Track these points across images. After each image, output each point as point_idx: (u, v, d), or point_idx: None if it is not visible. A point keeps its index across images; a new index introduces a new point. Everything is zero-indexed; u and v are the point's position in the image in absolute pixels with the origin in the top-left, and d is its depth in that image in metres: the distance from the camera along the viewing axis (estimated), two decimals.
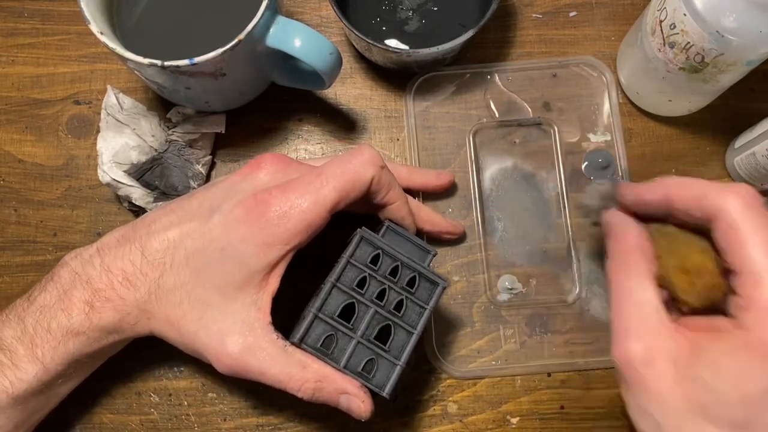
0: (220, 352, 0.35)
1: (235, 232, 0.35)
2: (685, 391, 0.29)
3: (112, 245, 0.38)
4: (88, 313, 0.36)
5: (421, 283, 0.37)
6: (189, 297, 0.36)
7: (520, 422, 0.43)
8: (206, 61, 0.38)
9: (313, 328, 0.35)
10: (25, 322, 0.36)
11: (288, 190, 0.36)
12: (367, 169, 0.37)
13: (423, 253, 0.39)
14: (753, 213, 0.30)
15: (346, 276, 0.36)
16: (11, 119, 0.49)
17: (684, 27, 0.38)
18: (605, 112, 0.48)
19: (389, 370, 0.36)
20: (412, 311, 0.37)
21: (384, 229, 0.39)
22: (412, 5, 0.48)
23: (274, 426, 0.44)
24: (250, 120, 0.49)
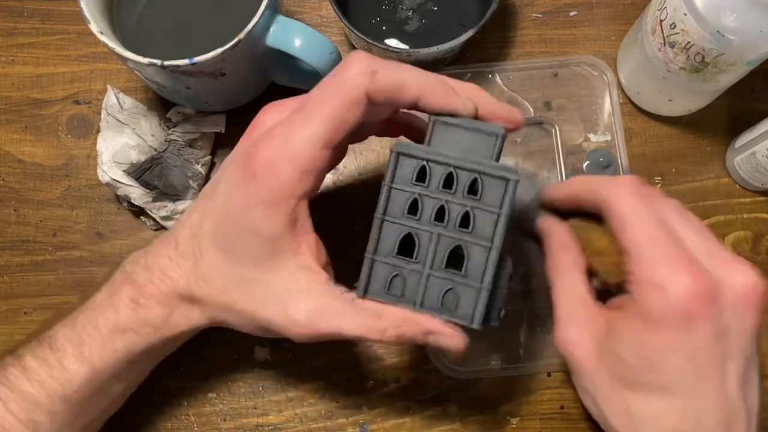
0: (288, 324, 0.33)
1: (236, 199, 0.33)
2: (606, 365, 0.33)
3: (156, 243, 0.37)
4: (134, 309, 0.35)
5: (485, 184, 0.31)
6: (230, 280, 0.34)
7: (519, 422, 0.43)
8: (206, 60, 0.38)
9: (374, 274, 0.32)
10: (75, 321, 0.36)
11: (271, 137, 0.32)
12: (354, 85, 0.31)
13: (488, 140, 0.31)
14: (634, 199, 0.33)
15: (393, 205, 0.31)
16: (11, 119, 0.49)
17: (684, 27, 0.38)
18: (606, 111, 0.48)
19: (474, 297, 0.31)
20: (484, 222, 0.31)
21: (431, 127, 0.32)
22: (412, 5, 0.48)
23: (274, 426, 0.44)
24: (250, 120, 0.48)
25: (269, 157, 0.32)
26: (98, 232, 0.47)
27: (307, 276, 0.33)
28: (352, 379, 0.44)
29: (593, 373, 0.34)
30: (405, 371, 0.44)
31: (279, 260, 0.33)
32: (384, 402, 0.44)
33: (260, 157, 0.32)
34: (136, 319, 0.35)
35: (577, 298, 0.35)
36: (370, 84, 0.31)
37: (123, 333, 0.35)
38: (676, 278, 0.30)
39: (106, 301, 0.36)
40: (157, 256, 0.36)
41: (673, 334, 0.31)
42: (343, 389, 0.44)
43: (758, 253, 0.46)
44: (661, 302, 0.31)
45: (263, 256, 0.33)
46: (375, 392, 0.44)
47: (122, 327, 0.35)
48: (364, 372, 0.44)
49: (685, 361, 0.31)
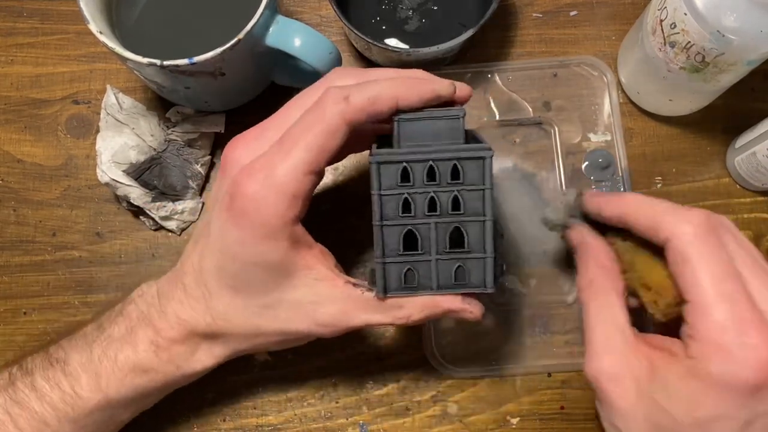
0: (318, 329, 0.35)
1: (231, 238, 0.34)
2: (645, 410, 0.31)
3: (165, 286, 0.37)
4: (156, 351, 0.36)
5: (465, 167, 0.33)
6: (249, 310, 0.35)
7: (520, 422, 0.43)
8: (206, 60, 0.38)
9: (388, 275, 0.34)
10: (92, 349, 0.36)
11: (254, 170, 0.33)
12: (331, 114, 0.32)
13: (451, 124, 0.33)
14: (703, 242, 0.30)
15: (386, 210, 0.33)
16: (10, 119, 0.49)
17: (685, 26, 0.38)
18: (606, 111, 0.48)
19: (481, 266, 0.34)
20: (472, 200, 0.33)
21: (396, 127, 0.34)
22: (412, 4, 0.48)
23: (274, 426, 0.44)
24: (249, 120, 0.48)
25: (256, 191, 0.32)
26: (98, 232, 0.47)
27: (326, 285, 0.34)
28: (352, 379, 0.44)
29: (629, 415, 0.31)
30: (405, 371, 0.44)
31: (293, 279, 0.34)
32: (384, 402, 0.44)
33: (246, 193, 0.32)
34: (158, 360, 0.36)
35: (616, 328, 0.32)
36: (346, 110, 0.32)
37: (144, 372, 0.36)
38: (745, 344, 0.28)
39: (125, 338, 0.36)
40: (169, 300, 0.36)
41: (734, 402, 0.29)
42: (343, 389, 0.44)
43: None
44: (727, 368, 0.28)
45: (276, 281, 0.34)
46: (375, 392, 0.44)
47: (143, 367, 0.36)
48: (364, 372, 0.44)
49: (739, 429, 0.29)
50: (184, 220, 0.47)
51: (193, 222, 0.47)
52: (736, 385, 0.28)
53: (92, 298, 0.46)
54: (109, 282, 0.46)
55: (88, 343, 0.36)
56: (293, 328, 0.35)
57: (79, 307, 0.46)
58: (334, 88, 0.33)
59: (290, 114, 0.35)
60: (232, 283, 0.35)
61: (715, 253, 0.30)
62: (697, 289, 0.29)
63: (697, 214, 0.31)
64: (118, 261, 0.47)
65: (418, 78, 0.34)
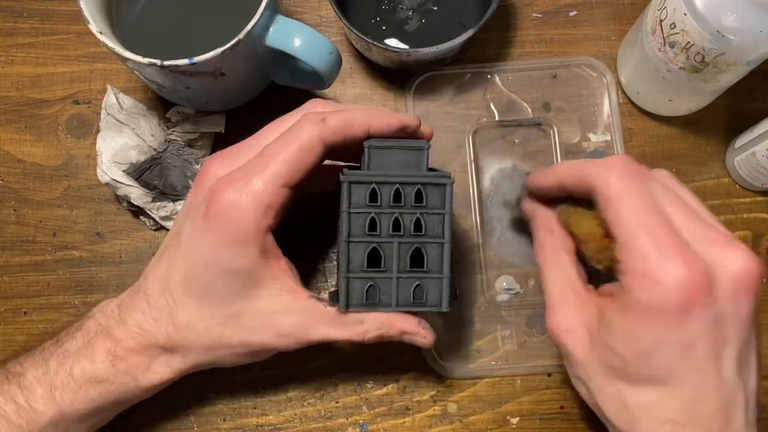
0: (279, 340, 0.36)
1: (204, 246, 0.35)
2: (598, 355, 0.33)
3: (126, 298, 0.38)
4: (113, 361, 0.36)
5: (428, 192, 0.36)
6: (213, 320, 0.36)
7: (520, 422, 0.43)
8: (206, 60, 0.38)
9: (351, 289, 0.36)
10: (48, 363, 0.36)
11: (232, 179, 0.34)
12: (308, 133, 0.34)
13: (417, 153, 0.36)
14: (624, 182, 0.32)
15: (354, 227, 0.35)
16: (10, 119, 0.49)
17: (684, 26, 0.38)
18: (605, 112, 0.48)
19: (438, 287, 0.36)
20: (433, 224, 0.36)
21: (367, 153, 0.36)
22: (412, 5, 0.48)
23: (274, 426, 0.44)
24: (249, 120, 0.48)
25: (232, 198, 0.34)
26: (98, 232, 0.47)
27: (289, 297, 0.36)
28: (352, 379, 0.44)
29: (586, 363, 0.33)
30: (405, 371, 0.44)
31: (259, 288, 0.35)
32: (384, 402, 0.44)
33: (223, 200, 0.34)
34: (114, 370, 0.36)
35: (567, 283, 0.35)
36: (323, 129, 0.35)
37: (99, 383, 0.36)
38: (667, 268, 0.29)
39: (81, 351, 0.36)
40: (131, 311, 0.37)
41: (667, 326, 0.30)
42: (343, 389, 0.44)
43: (758, 253, 0.46)
44: (653, 293, 0.30)
45: (244, 289, 0.35)
46: (375, 392, 0.44)
47: (99, 378, 0.36)
48: (364, 372, 0.44)
49: (680, 353, 0.30)
50: None
51: None
52: (664, 308, 0.30)
53: (92, 298, 0.46)
54: (109, 282, 0.46)
55: (44, 358, 0.37)
56: (256, 339, 0.36)
57: (79, 307, 0.46)
58: (311, 113, 0.36)
59: (268, 136, 0.36)
60: (199, 292, 0.35)
61: (635, 190, 0.31)
62: (621, 225, 0.31)
63: (615, 159, 0.33)
64: (119, 261, 0.47)
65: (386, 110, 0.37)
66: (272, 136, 0.36)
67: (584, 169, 0.34)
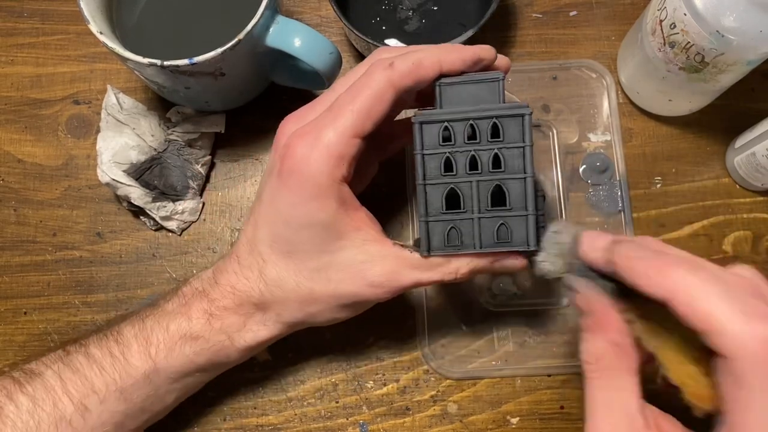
0: (371, 290, 0.35)
1: (282, 203, 0.34)
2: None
3: (219, 262, 0.38)
4: (209, 319, 0.36)
5: (504, 125, 0.33)
6: (301, 274, 0.35)
7: (520, 422, 0.43)
8: (206, 60, 0.38)
9: (431, 234, 0.34)
10: (144, 321, 0.37)
11: (303, 133, 0.34)
12: (377, 79, 0.33)
13: (491, 86, 0.34)
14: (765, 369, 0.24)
15: (428, 169, 0.34)
16: (11, 119, 0.49)
17: (684, 27, 0.38)
18: (605, 113, 0.48)
19: (523, 224, 0.34)
20: (513, 158, 0.33)
21: (438, 91, 0.34)
22: (412, 5, 0.48)
23: (274, 426, 0.44)
24: (249, 120, 0.49)
25: (304, 152, 0.33)
26: (98, 232, 0.47)
27: (374, 246, 0.35)
28: (352, 379, 0.44)
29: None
30: (405, 371, 0.44)
31: (343, 240, 0.35)
32: (384, 402, 0.44)
33: (295, 155, 0.33)
34: (210, 328, 0.36)
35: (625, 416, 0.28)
36: (392, 75, 0.33)
37: (194, 340, 0.36)
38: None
39: (177, 310, 0.37)
40: (222, 273, 0.37)
41: None
42: (343, 389, 0.44)
43: (758, 253, 0.46)
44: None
45: (327, 242, 0.35)
46: (375, 392, 0.44)
47: (194, 334, 0.36)
48: (364, 372, 0.44)
49: None
50: (185, 220, 0.47)
51: (193, 222, 0.47)
52: None
53: (93, 298, 0.46)
54: (109, 282, 0.46)
55: (141, 318, 0.37)
56: (346, 290, 0.35)
57: (79, 307, 0.46)
58: (380, 59, 0.34)
59: (338, 90, 0.35)
60: (285, 248, 0.35)
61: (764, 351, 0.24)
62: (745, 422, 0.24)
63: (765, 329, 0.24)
64: (119, 261, 0.47)
65: (457, 46, 0.35)
66: (343, 88, 0.35)
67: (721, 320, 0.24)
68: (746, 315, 0.24)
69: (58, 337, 0.45)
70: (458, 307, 0.45)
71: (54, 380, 0.35)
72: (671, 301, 0.25)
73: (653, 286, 0.26)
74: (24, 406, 0.34)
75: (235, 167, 0.48)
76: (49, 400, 0.35)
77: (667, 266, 0.26)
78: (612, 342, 0.29)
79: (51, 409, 0.35)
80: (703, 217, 0.46)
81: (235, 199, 0.48)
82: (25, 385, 0.35)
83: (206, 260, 0.47)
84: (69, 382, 0.35)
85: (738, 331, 0.24)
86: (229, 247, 0.47)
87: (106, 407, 0.36)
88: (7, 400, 0.35)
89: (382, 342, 0.45)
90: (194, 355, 0.37)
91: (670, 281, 0.26)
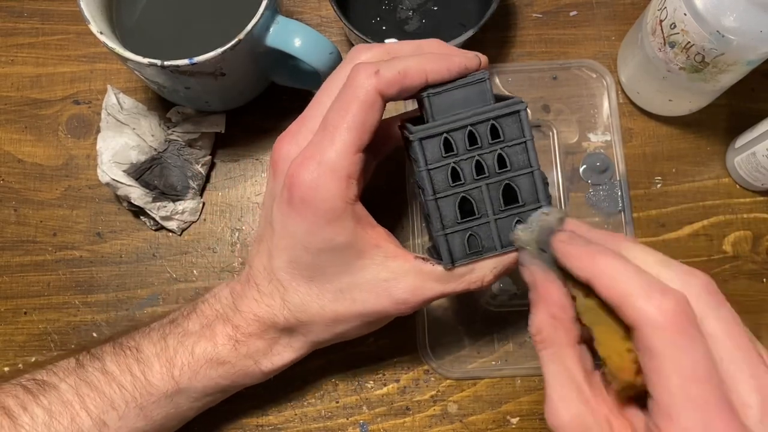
0: (396, 306, 0.35)
1: (298, 230, 0.34)
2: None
3: (237, 286, 0.38)
4: (234, 345, 0.36)
5: (502, 124, 0.34)
6: (325, 298, 0.35)
7: (520, 422, 0.43)
8: (206, 60, 0.38)
9: (451, 245, 0.34)
10: (167, 341, 0.37)
11: (305, 159, 0.33)
12: (365, 90, 0.33)
13: (479, 87, 0.34)
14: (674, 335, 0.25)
15: (437, 182, 0.34)
16: (11, 119, 0.49)
17: (684, 27, 0.38)
18: (605, 113, 0.48)
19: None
20: (516, 155, 0.34)
21: (426, 103, 0.34)
22: (413, 5, 0.48)
23: (274, 426, 0.44)
24: (250, 120, 0.49)
25: (312, 179, 0.33)
26: (98, 232, 0.47)
27: (396, 262, 0.35)
28: (352, 379, 0.44)
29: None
30: (405, 371, 0.44)
31: (364, 258, 0.34)
32: (384, 402, 0.44)
33: (303, 182, 0.33)
34: (237, 354, 0.36)
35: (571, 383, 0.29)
36: (378, 83, 0.33)
37: (221, 365, 0.36)
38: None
39: (201, 332, 0.37)
40: (243, 299, 0.37)
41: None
42: (343, 389, 0.44)
43: (758, 253, 0.46)
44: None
45: (348, 263, 0.34)
46: (375, 392, 0.44)
47: (221, 360, 0.36)
48: (364, 372, 0.44)
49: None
50: (185, 220, 0.47)
51: (193, 222, 0.47)
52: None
53: (93, 298, 0.46)
54: (109, 282, 0.46)
55: (162, 335, 0.37)
56: (371, 308, 0.35)
57: (79, 307, 0.46)
58: (363, 64, 0.33)
59: (324, 101, 0.35)
60: (306, 273, 0.35)
61: (688, 348, 0.25)
62: (664, 390, 0.26)
63: (670, 301, 0.26)
64: (119, 261, 0.47)
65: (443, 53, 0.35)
66: (328, 99, 0.35)
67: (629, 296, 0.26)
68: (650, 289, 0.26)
69: (58, 337, 0.45)
70: (458, 307, 0.45)
71: (71, 395, 0.35)
72: (594, 282, 0.28)
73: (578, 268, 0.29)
74: (39, 418, 0.34)
75: (235, 167, 0.48)
76: (66, 414, 0.35)
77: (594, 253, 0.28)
78: (552, 315, 0.30)
79: (68, 423, 0.34)
80: (703, 217, 0.46)
81: (235, 199, 0.48)
82: (39, 397, 0.35)
83: (206, 260, 0.47)
84: (87, 398, 0.35)
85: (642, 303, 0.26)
86: (229, 247, 0.47)
87: (125, 423, 0.35)
88: (21, 410, 0.34)
89: (382, 342, 0.45)
90: (219, 378, 0.37)
91: (592, 264, 0.28)
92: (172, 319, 0.38)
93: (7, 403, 0.35)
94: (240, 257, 0.47)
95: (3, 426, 0.34)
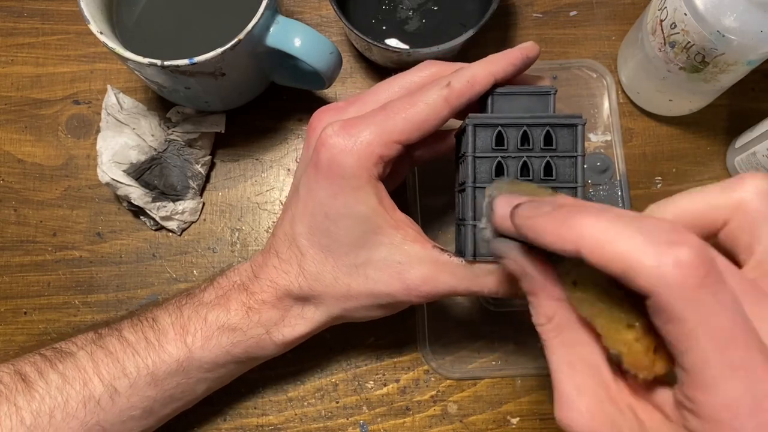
0: (407, 292, 0.35)
1: (321, 194, 0.34)
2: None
3: (258, 257, 0.38)
4: (247, 312, 0.37)
5: (557, 134, 0.33)
6: (339, 270, 0.35)
7: (520, 422, 0.43)
8: (206, 60, 0.38)
9: (477, 237, 0.33)
10: (182, 310, 0.37)
11: (347, 126, 0.34)
12: (436, 96, 0.34)
13: (543, 98, 0.34)
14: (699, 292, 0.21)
15: (480, 172, 0.33)
16: (11, 119, 0.49)
17: (684, 26, 0.38)
18: (605, 113, 0.48)
19: None
20: (564, 167, 0.33)
21: (490, 100, 0.35)
22: (413, 5, 0.48)
23: (274, 426, 0.44)
24: (250, 120, 0.49)
25: (344, 144, 0.33)
26: (98, 232, 0.47)
27: (413, 246, 0.34)
28: (352, 379, 0.44)
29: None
30: (405, 371, 0.44)
31: (382, 236, 0.34)
32: (384, 402, 0.44)
33: (335, 145, 0.33)
34: (248, 321, 0.37)
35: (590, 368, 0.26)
36: (450, 94, 0.34)
37: (232, 331, 0.37)
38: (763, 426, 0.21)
39: (215, 301, 0.37)
40: (262, 267, 0.37)
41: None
42: (343, 389, 0.44)
43: None
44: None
45: (366, 237, 0.34)
46: (375, 392, 0.44)
47: (232, 326, 0.37)
48: (364, 372, 0.44)
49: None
50: (185, 220, 0.47)
51: (193, 222, 0.47)
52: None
53: (93, 298, 0.46)
54: (109, 282, 0.46)
55: (177, 306, 0.38)
56: (382, 289, 0.35)
57: (79, 307, 0.46)
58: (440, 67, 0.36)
59: (381, 94, 0.36)
60: (324, 241, 0.35)
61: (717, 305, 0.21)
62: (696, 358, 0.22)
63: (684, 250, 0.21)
64: (119, 261, 0.47)
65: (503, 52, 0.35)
66: (387, 93, 0.35)
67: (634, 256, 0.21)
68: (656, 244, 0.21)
69: (58, 337, 0.45)
70: (458, 307, 0.45)
71: (86, 360, 0.36)
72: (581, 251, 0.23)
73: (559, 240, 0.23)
74: (54, 383, 0.35)
75: (235, 167, 0.48)
76: (79, 378, 0.35)
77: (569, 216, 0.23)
78: (560, 298, 0.26)
79: (80, 388, 0.35)
80: None
81: (235, 199, 0.48)
82: (56, 363, 0.36)
83: (206, 260, 0.47)
84: (101, 363, 0.36)
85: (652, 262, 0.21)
86: (229, 247, 0.47)
87: (135, 391, 0.36)
88: (37, 376, 0.35)
89: (382, 342, 0.45)
90: (231, 346, 0.37)
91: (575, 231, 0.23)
92: (189, 292, 0.39)
93: (25, 369, 0.36)
94: (240, 257, 0.47)
95: (19, 390, 0.35)
